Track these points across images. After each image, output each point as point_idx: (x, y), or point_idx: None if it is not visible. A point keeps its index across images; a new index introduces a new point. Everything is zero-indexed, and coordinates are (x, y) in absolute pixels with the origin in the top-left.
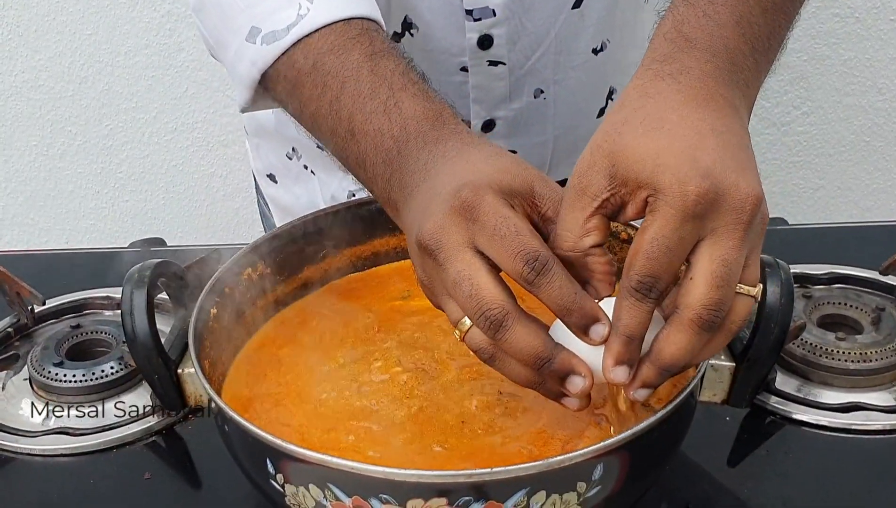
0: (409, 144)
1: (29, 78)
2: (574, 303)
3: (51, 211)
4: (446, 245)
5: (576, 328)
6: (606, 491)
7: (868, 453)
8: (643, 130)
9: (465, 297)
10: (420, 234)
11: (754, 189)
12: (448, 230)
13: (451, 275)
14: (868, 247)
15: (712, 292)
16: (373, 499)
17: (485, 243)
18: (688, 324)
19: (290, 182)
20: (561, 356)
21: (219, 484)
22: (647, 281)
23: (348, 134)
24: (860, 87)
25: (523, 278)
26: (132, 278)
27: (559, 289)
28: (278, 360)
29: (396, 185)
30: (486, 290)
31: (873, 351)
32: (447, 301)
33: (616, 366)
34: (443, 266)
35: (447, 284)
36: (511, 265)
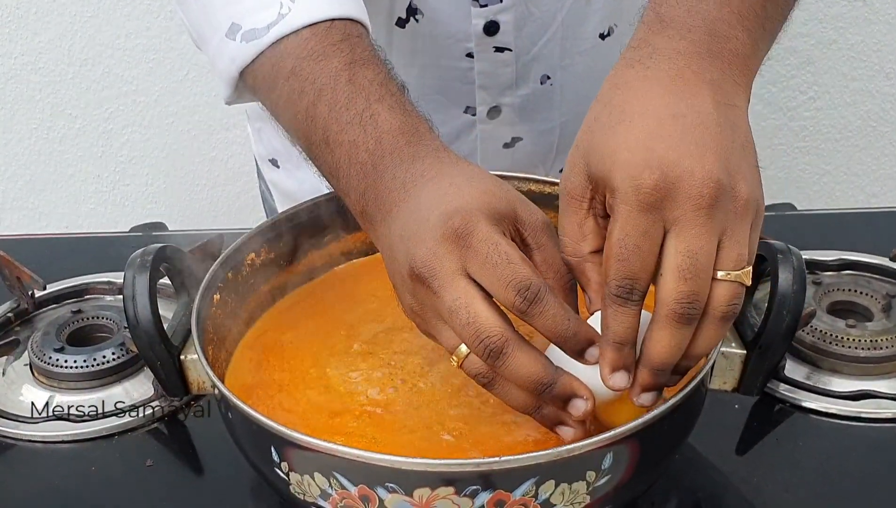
0: (385, 160)
1: (29, 61)
2: (568, 330)
3: (51, 195)
4: (440, 273)
5: (572, 352)
6: (616, 480)
7: (878, 441)
8: (609, 125)
9: (462, 325)
10: (413, 262)
11: (710, 172)
12: (441, 258)
13: (446, 303)
14: (878, 233)
15: (680, 285)
16: (379, 488)
17: (477, 270)
18: (664, 320)
19: (292, 167)
20: (562, 381)
21: (221, 472)
22: (624, 284)
23: (323, 143)
24: (867, 71)
25: (516, 307)
26: (134, 262)
27: (552, 318)
28: (282, 346)
29: (372, 200)
30: (483, 317)
31: (883, 338)
32: (442, 329)
33: (613, 373)
34: (437, 294)
35: (443, 312)
36: (503, 295)
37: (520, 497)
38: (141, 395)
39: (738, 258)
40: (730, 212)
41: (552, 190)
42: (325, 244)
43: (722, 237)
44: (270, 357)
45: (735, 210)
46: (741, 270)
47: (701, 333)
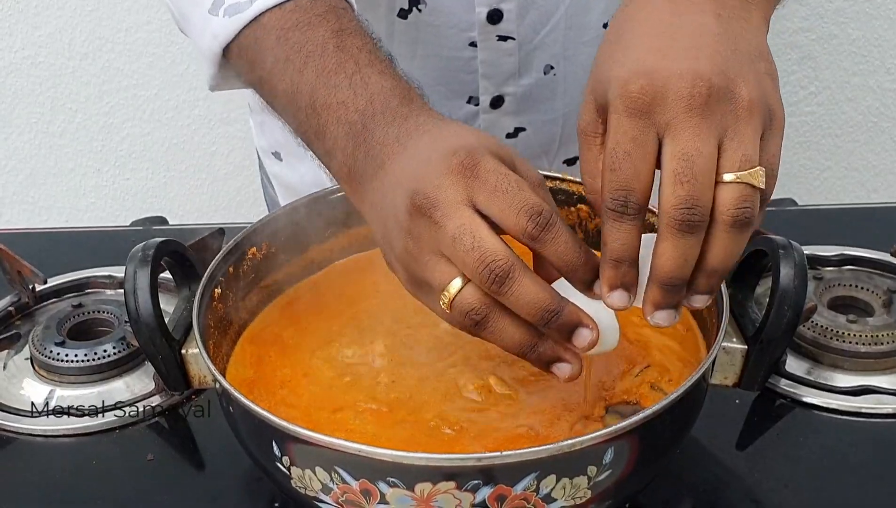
0: (377, 119)
1: (29, 55)
2: (579, 258)
3: (51, 189)
4: (444, 202)
5: (581, 283)
6: (617, 475)
7: (878, 436)
8: (608, 53)
9: (466, 250)
10: (414, 197)
11: (701, 72)
12: (445, 189)
13: (449, 231)
14: (878, 228)
15: (677, 190)
16: (380, 482)
17: (485, 200)
18: (666, 231)
19: (295, 160)
20: (569, 309)
21: (222, 466)
22: (618, 196)
23: (309, 108)
24: (868, 67)
25: (528, 234)
26: (135, 256)
27: (564, 244)
28: (283, 340)
29: (362, 157)
30: (489, 242)
31: (884, 334)
32: (435, 265)
33: (612, 292)
34: (439, 224)
35: (444, 241)
36: (514, 221)
37: (521, 492)
38: (142, 389)
39: (743, 159)
40: (728, 113)
41: (553, 185)
42: (326, 239)
43: (722, 139)
44: (271, 352)
45: (735, 111)
46: (748, 170)
47: (712, 242)
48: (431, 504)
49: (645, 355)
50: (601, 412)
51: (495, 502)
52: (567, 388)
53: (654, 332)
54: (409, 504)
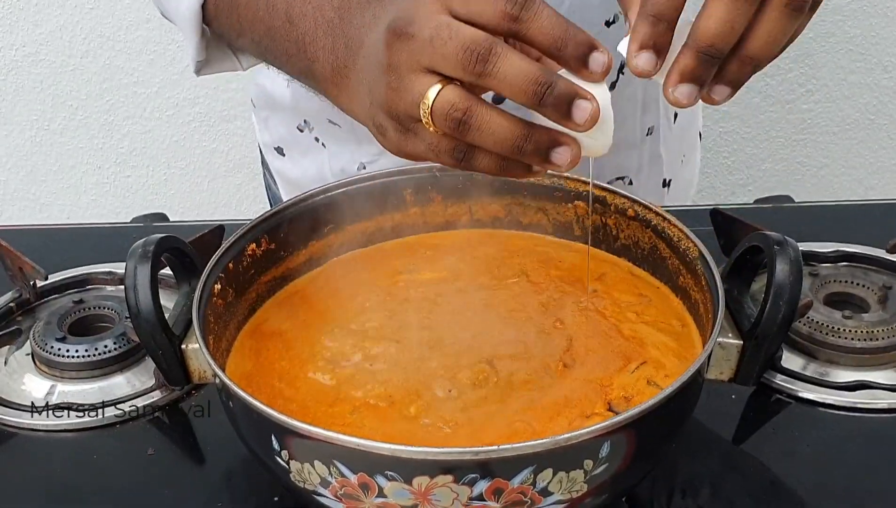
0: (353, 9)
1: (30, 52)
2: (567, 32)
3: (51, 186)
4: (418, 16)
5: (574, 60)
6: (613, 469)
7: (874, 431)
8: None
9: (444, 43)
10: (389, 25)
11: None
12: (420, 6)
13: (426, 34)
14: (874, 225)
15: None
16: (378, 476)
17: (461, 3)
18: None
19: (298, 155)
20: (563, 80)
21: (222, 460)
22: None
23: (287, 23)
24: (865, 64)
25: (508, 15)
26: (136, 252)
27: (548, 19)
28: (282, 335)
29: (342, 47)
30: (467, 30)
31: (880, 330)
32: (413, 83)
33: (640, 51)
34: (416, 35)
35: (423, 49)
36: (492, 9)
37: (518, 486)
38: (142, 384)
39: None
40: None
41: (551, 182)
42: (325, 235)
43: None
44: (270, 346)
45: None
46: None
47: (761, 21)
48: (429, 498)
49: (641, 351)
50: (603, 408)
51: (492, 495)
52: (567, 384)
53: (650, 329)
54: (406, 497)
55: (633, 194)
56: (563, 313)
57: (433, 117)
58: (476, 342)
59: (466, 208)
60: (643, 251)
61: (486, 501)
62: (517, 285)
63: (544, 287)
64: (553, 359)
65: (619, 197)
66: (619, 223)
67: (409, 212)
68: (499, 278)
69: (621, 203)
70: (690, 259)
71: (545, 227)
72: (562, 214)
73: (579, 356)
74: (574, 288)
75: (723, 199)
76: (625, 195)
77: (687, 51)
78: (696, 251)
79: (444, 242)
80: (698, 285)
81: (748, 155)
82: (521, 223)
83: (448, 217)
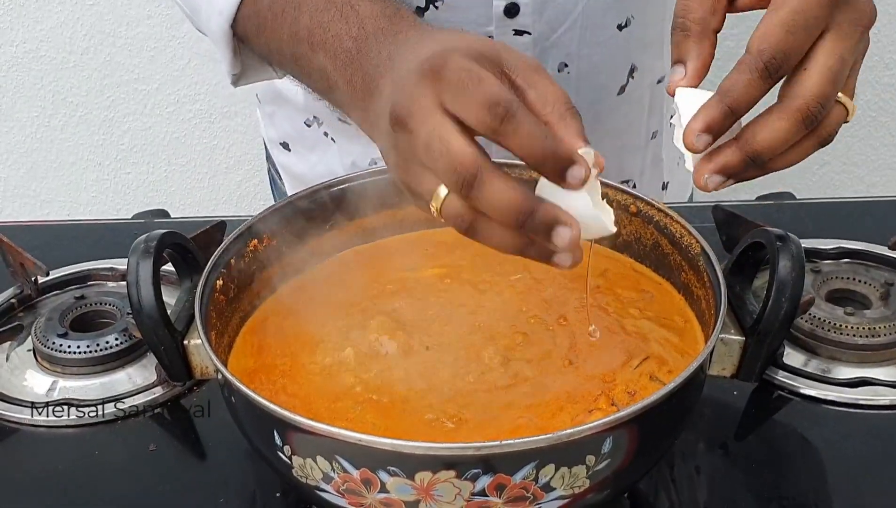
0: (369, 41)
1: (30, 49)
2: (544, 147)
3: (52, 183)
4: (416, 111)
5: (552, 174)
6: (615, 465)
7: (875, 428)
8: None
9: (436, 158)
10: (392, 109)
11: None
12: (417, 97)
13: (422, 138)
14: (876, 222)
15: (825, 86)
16: (381, 471)
17: (451, 99)
18: (793, 112)
19: (305, 150)
20: (543, 207)
21: (224, 456)
22: (778, 57)
23: (309, 50)
24: (867, 62)
25: (488, 127)
26: (138, 248)
27: (527, 135)
28: (284, 331)
29: (360, 82)
30: (456, 147)
31: (882, 326)
32: (421, 175)
33: (703, 133)
34: (414, 133)
35: (419, 150)
36: (476, 116)
37: (520, 481)
38: (144, 380)
39: (853, 88)
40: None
41: None
42: (327, 231)
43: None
44: (273, 342)
45: (866, 48)
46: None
47: (801, 141)
48: (431, 493)
49: (644, 347)
50: (605, 404)
51: (495, 491)
52: (570, 380)
53: (652, 325)
54: (409, 492)
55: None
56: (566, 309)
57: (442, 216)
58: (479, 338)
59: None
60: (645, 248)
61: (489, 496)
62: (520, 281)
63: (547, 284)
64: (556, 355)
65: (622, 193)
66: (622, 220)
67: (410, 208)
68: (501, 275)
69: (623, 199)
70: (693, 255)
71: None
72: None
73: (582, 352)
74: (576, 284)
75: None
76: (627, 191)
77: (736, 150)
78: (698, 248)
79: (447, 238)
80: (700, 281)
81: None
82: None
83: None
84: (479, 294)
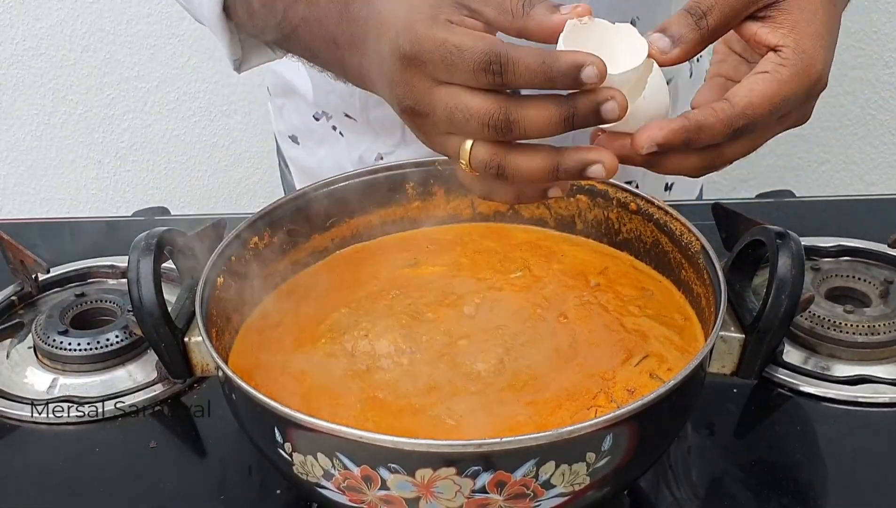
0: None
1: (30, 46)
2: (548, 71)
3: (52, 181)
4: (419, 98)
5: (568, 87)
6: (615, 462)
7: (875, 425)
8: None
9: (463, 124)
10: (398, 103)
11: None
12: (411, 86)
13: (441, 118)
14: (875, 220)
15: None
16: (381, 468)
17: (444, 75)
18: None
19: (313, 144)
20: (581, 99)
21: (224, 453)
22: (751, 127)
23: (298, 4)
24: (867, 60)
25: (491, 84)
26: (139, 245)
27: (527, 69)
28: (285, 328)
29: (346, 22)
30: (476, 106)
31: (881, 324)
32: (445, 142)
33: (656, 145)
34: (429, 116)
35: (442, 126)
36: (476, 81)
37: (520, 478)
38: (144, 377)
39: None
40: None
41: None
42: (327, 228)
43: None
44: (273, 340)
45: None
46: None
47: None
48: (432, 490)
49: (644, 344)
50: (605, 402)
51: (495, 488)
52: (570, 378)
53: (652, 322)
54: (409, 490)
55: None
56: (566, 306)
57: (473, 169)
58: (479, 336)
59: (468, 201)
60: (645, 245)
61: (489, 493)
62: (520, 279)
63: (547, 281)
64: (556, 353)
65: (622, 191)
66: (622, 217)
67: (411, 206)
68: (501, 273)
69: (624, 197)
70: (693, 253)
71: (547, 221)
72: (564, 208)
73: (582, 349)
74: (576, 282)
75: (724, 194)
76: (627, 190)
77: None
78: (698, 245)
79: (447, 236)
80: (700, 279)
81: None
82: (523, 217)
83: (450, 211)
84: (479, 292)
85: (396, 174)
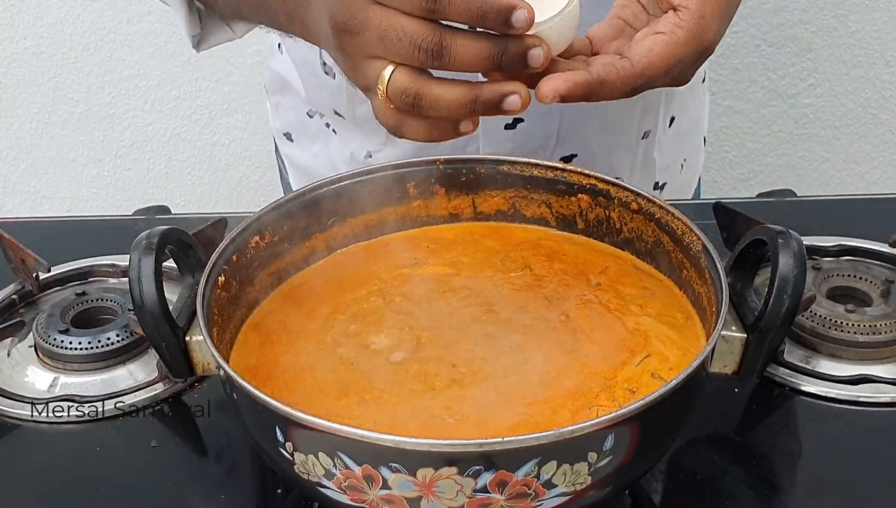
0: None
1: (31, 45)
2: (481, 5)
3: (52, 179)
4: (354, 13)
5: (498, 27)
6: (617, 462)
7: (876, 425)
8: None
9: (396, 42)
10: (331, 18)
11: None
12: (348, 2)
13: (373, 37)
14: (876, 219)
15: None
16: (383, 468)
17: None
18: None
19: (307, 141)
20: (511, 41)
21: (225, 452)
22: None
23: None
24: (868, 59)
25: (427, 12)
26: (140, 244)
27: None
28: (286, 327)
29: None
30: (412, 27)
31: (882, 324)
32: (367, 67)
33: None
34: (361, 33)
35: (373, 45)
36: (412, 5)
37: (522, 478)
38: (145, 376)
39: None
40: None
41: (554, 175)
42: (328, 227)
43: None
44: (275, 339)
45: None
46: None
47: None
48: (433, 490)
49: (645, 344)
50: (607, 401)
51: (496, 488)
52: (572, 377)
53: (654, 322)
54: (411, 489)
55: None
56: (568, 306)
57: (388, 96)
58: (480, 335)
59: (469, 201)
60: (647, 245)
61: (490, 493)
62: (521, 278)
63: (548, 281)
64: (557, 352)
65: (623, 190)
66: (623, 217)
67: (412, 205)
68: (503, 272)
69: (625, 196)
70: (694, 253)
71: (548, 220)
72: (565, 207)
73: (583, 349)
74: (578, 281)
75: (725, 193)
76: (629, 189)
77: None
78: (699, 245)
79: (448, 235)
80: (702, 278)
81: (750, 150)
82: (524, 216)
83: (451, 210)
84: (480, 291)
85: (397, 173)
